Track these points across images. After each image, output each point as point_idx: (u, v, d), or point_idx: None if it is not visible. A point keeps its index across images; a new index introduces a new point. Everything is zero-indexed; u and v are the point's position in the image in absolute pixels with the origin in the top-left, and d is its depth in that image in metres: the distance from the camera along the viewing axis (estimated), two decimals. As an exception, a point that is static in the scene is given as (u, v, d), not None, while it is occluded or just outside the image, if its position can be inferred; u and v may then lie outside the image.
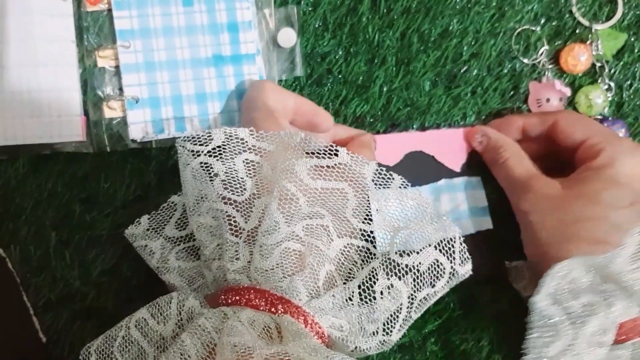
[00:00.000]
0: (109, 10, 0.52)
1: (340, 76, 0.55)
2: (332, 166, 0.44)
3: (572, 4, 0.56)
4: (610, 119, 0.55)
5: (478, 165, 0.54)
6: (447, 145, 0.54)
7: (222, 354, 0.37)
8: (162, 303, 0.45)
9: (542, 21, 0.56)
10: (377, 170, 0.45)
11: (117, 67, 0.52)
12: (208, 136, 0.45)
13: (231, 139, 0.45)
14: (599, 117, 0.56)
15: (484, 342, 0.54)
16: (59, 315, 0.52)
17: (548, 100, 0.55)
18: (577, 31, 0.56)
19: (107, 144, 0.52)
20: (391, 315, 0.44)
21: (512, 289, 0.53)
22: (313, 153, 0.45)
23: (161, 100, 0.52)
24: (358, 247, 0.45)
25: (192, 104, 0.53)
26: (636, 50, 0.56)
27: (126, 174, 0.53)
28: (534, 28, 0.56)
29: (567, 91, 0.55)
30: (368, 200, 0.45)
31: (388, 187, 0.45)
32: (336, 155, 0.44)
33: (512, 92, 0.56)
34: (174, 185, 0.53)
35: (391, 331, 0.45)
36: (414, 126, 0.55)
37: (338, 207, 0.44)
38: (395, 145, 0.53)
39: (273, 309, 0.42)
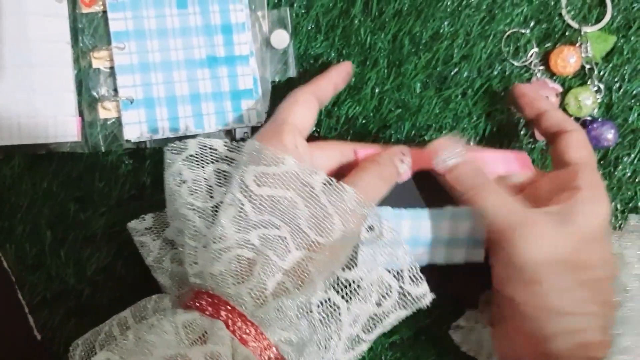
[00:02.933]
0: (104, 12, 0.52)
1: (332, 78, 0.55)
2: (279, 174, 0.43)
3: (561, 6, 0.56)
4: (599, 120, 0.56)
5: None
6: None
7: (130, 347, 0.39)
8: (143, 304, 0.46)
9: (532, 24, 0.56)
10: (326, 180, 0.43)
11: (112, 68, 0.53)
12: (183, 145, 0.47)
13: (204, 149, 0.46)
14: (589, 118, 0.56)
15: None
16: (54, 313, 0.53)
17: (547, 98, 0.55)
18: (567, 34, 0.57)
19: (102, 144, 0.53)
20: (336, 333, 0.43)
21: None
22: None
23: (156, 101, 0.53)
24: (316, 260, 0.43)
25: (186, 104, 0.53)
26: (625, 53, 0.57)
27: (121, 173, 0.54)
28: (523, 31, 0.56)
29: (559, 87, 0.56)
30: (323, 212, 0.43)
31: (341, 200, 0.43)
32: (283, 163, 0.43)
33: (502, 94, 0.56)
34: (168, 185, 0.54)
35: (335, 349, 0.43)
36: (405, 127, 0.55)
37: (290, 217, 0.43)
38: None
39: (216, 315, 0.42)
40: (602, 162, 0.57)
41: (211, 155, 0.46)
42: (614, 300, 0.45)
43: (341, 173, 0.48)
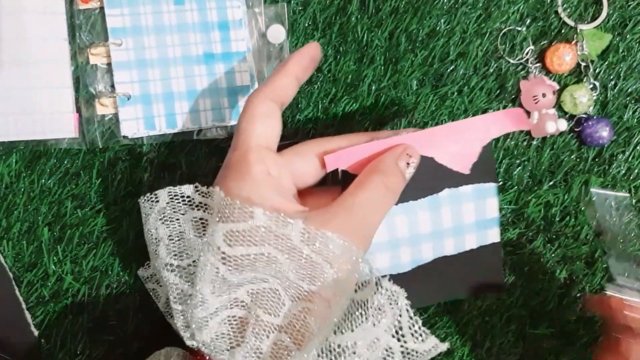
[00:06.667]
0: (101, 8, 0.52)
1: (329, 75, 0.55)
2: (250, 230, 0.39)
3: (557, 4, 0.57)
4: (595, 118, 0.56)
5: (493, 164, 0.46)
6: (453, 141, 0.44)
7: None
8: (153, 358, 0.43)
9: (528, 21, 0.57)
10: (304, 229, 0.38)
11: (109, 64, 0.53)
12: (154, 197, 0.43)
13: (176, 198, 0.43)
14: (584, 116, 0.56)
15: (467, 336, 0.55)
16: (51, 310, 0.53)
17: (544, 95, 0.55)
18: (563, 31, 0.57)
19: (99, 140, 0.53)
20: None
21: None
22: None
23: (152, 97, 0.53)
24: (314, 310, 0.39)
25: (183, 101, 0.53)
26: (620, 51, 0.57)
27: (118, 170, 0.54)
28: (519, 28, 0.56)
29: (556, 85, 0.56)
30: (309, 262, 0.39)
31: (326, 247, 0.38)
32: (252, 217, 0.39)
33: (498, 92, 0.56)
34: (165, 182, 0.54)
35: None
36: (402, 125, 0.56)
37: (275, 271, 0.39)
38: (383, 152, 0.43)
39: None
40: (597, 160, 0.57)
41: (184, 204, 0.43)
42: None
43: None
